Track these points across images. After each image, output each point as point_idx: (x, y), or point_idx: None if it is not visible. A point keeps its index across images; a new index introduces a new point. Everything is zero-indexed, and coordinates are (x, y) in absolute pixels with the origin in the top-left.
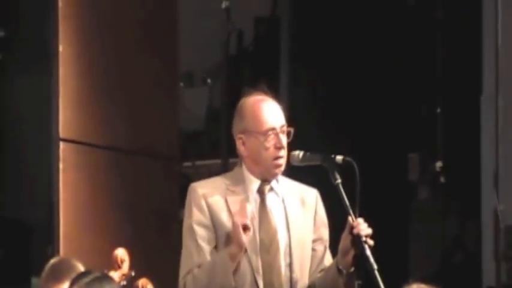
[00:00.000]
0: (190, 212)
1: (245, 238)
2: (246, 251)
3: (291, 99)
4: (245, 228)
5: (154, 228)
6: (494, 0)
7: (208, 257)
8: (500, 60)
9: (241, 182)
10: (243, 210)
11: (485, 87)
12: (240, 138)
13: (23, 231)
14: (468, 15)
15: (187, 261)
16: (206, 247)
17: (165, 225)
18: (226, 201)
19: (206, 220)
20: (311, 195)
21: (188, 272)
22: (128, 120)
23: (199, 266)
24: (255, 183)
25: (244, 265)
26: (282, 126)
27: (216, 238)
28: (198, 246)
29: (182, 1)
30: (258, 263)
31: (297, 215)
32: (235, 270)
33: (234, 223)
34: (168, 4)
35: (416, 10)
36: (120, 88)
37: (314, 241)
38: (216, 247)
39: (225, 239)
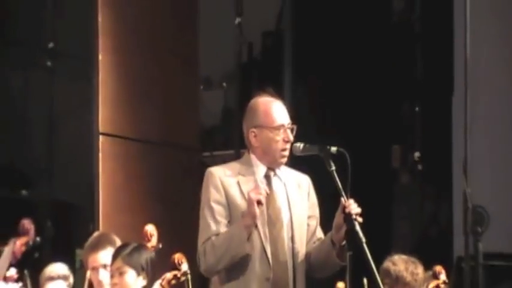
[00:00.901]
0: (208, 191)
1: (257, 211)
2: (256, 225)
3: (293, 100)
4: (259, 202)
5: (179, 207)
6: (464, 18)
7: (222, 229)
8: (468, 67)
9: (250, 168)
10: (257, 188)
11: (456, 90)
12: (253, 131)
13: (69, 211)
14: (442, 30)
15: (206, 231)
16: (222, 220)
17: (187, 205)
18: (238, 183)
19: (222, 198)
20: (305, 180)
21: (207, 239)
22: (157, 117)
23: (216, 235)
24: (262, 169)
25: (255, 235)
26: (289, 123)
27: (230, 214)
28: (214, 219)
29: (203, 18)
30: (266, 234)
31: (295, 196)
32: (248, 238)
33: (249, 198)
34: (191, 20)
35: (399, 26)
36: (149, 91)
37: (308, 217)
38: (229, 222)
39: (237, 215)
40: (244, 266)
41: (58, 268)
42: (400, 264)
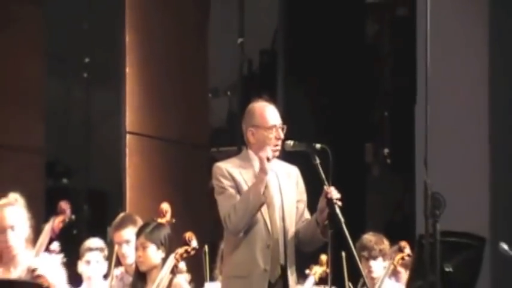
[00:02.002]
0: (219, 180)
1: (268, 166)
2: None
3: (284, 105)
4: (268, 159)
5: (191, 193)
6: (425, 39)
7: (231, 202)
8: (429, 80)
9: (248, 161)
10: (265, 150)
11: (419, 99)
12: (251, 130)
13: (101, 196)
14: (406, 49)
15: (226, 204)
16: (237, 196)
17: (198, 191)
18: (240, 173)
19: (231, 183)
20: (294, 171)
21: (230, 208)
22: (174, 119)
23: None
24: (258, 162)
25: (258, 213)
26: (280, 124)
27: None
28: (231, 195)
29: (211, 39)
30: (265, 214)
31: (286, 184)
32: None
33: (260, 156)
34: (202, 40)
35: (372, 46)
36: (168, 98)
37: (297, 201)
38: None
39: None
40: (250, 236)
41: (95, 241)
42: (371, 238)
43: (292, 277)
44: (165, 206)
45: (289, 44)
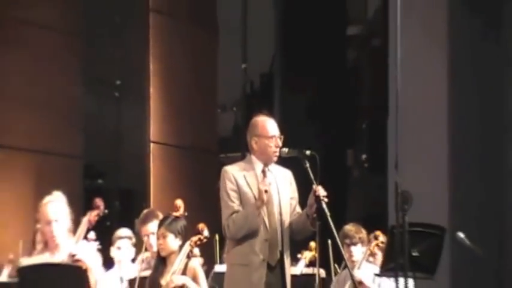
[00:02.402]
0: (225, 183)
1: (265, 197)
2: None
3: (281, 118)
4: (266, 191)
5: (203, 191)
6: (395, 64)
7: (237, 208)
8: (399, 96)
9: (251, 164)
10: (264, 181)
11: (390, 114)
12: (254, 139)
13: (130, 194)
14: (380, 72)
15: (226, 210)
16: (236, 201)
17: (209, 190)
18: (244, 176)
19: (234, 187)
20: (288, 173)
21: (229, 216)
22: (189, 131)
23: (234, 213)
24: (259, 166)
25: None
26: (278, 134)
27: (240, 197)
28: (231, 201)
29: (220, 64)
30: (265, 211)
31: (282, 185)
32: (258, 215)
33: (259, 188)
34: (212, 66)
35: (352, 69)
36: (184, 113)
37: (291, 198)
38: (240, 202)
39: (245, 197)
40: (250, 232)
41: (125, 231)
42: (352, 228)
43: (287, 260)
44: (179, 202)
45: (283, 68)
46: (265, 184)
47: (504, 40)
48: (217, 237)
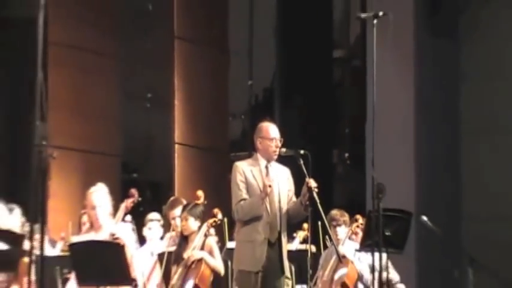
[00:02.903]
0: (235, 175)
1: (268, 190)
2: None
3: (280, 124)
4: (270, 186)
5: (217, 184)
6: (372, 81)
7: (244, 196)
8: (375, 107)
9: (257, 161)
10: (269, 176)
11: (368, 119)
12: (259, 140)
13: (159, 186)
14: (361, 90)
15: (236, 197)
16: (243, 191)
17: (222, 183)
18: (251, 171)
19: (243, 179)
20: (287, 170)
21: (238, 202)
22: (206, 134)
23: (242, 200)
24: (263, 162)
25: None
26: (279, 137)
27: (247, 187)
28: (240, 190)
29: (231, 81)
30: (267, 199)
31: (281, 179)
32: (262, 204)
33: (264, 183)
34: (224, 81)
35: (337, 86)
36: (202, 120)
37: (288, 190)
38: (247, 191)
39: (251, 188)
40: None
41: (155, 215)
42: (337, 213)
43: (284, 239)
44: (200, 193)
45: (282, 84)
46: (270, 180)
47: (460, 60)
48: (225, 220)
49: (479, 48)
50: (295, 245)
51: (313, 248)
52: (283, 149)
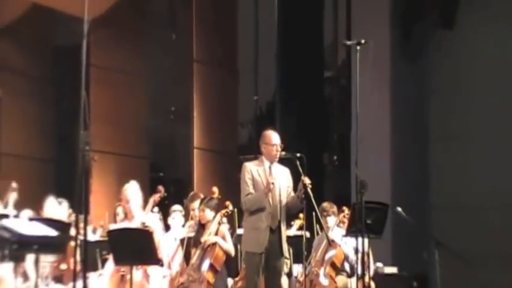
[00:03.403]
0: (244, 174)
1: (271, 186)
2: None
3: (280, 132)
4: (272, 183)
5: (229, 181)
6: (355, 97)
7: (251, 190)
8: (358, 118)
9: (261, 163)
10: (271, 175)
11: (353, 128)
12: (263, 145)
13: (181, 183)
14: (346, 103)
15: (244, 192)
16: (251, 187)
17: (233, 180)
18: (257, 170)
19: (250, 176)
20: (287, 170)
21: (246, 195)
22: (219, 140)
23: (249, 194)
24: (267, 163)
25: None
26: (280, 143)
27: (253, 183)
28: (248, 186)
29: (240, 97)
30: (270, 193)
31: (281, 177)
32: (266, 197)
33: (267, 180)
34: (235, 98)
35: (327, 101)
36: (216, 129)
37: (287, 187)
38: (253, 187)
39: (257, 184)
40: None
41: (177, 206)
42: (327, 205)
43: (284, 226)
44: (214, 188)
45: (282, 99)
46: (273, 178)
47: (428, 78)
48: (235, 210)
49: (443, 68)
50: (293, 231)
51: (308, 234)
52: (283, 153)
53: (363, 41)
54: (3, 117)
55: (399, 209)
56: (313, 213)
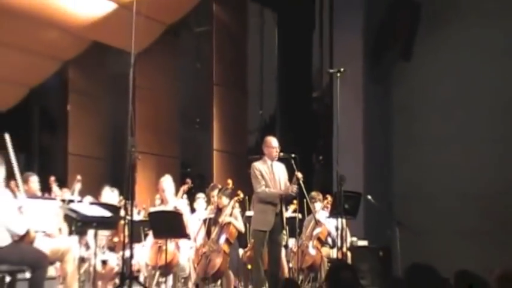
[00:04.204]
0: (254, 171)
1: (289, 192)
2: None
3: (280, 138)
4: (292, 191)
5: (240, 177)
6: (337, 112)
7: (263, 183)
8: (339, 128)
9: (265, 162)
10: (293, 188)
11: (334, 136)
12: (265, 148)
13: (204, 177)
14: (328, 117)
15: (259, 184)
16: (262, 181)
17: (243, 176)
18: (262, 167)
19: (259, 172)
20: (283, 166)
21: (261, 187)
22: (233, 144)
23: (264, 186)
24: (269, 162)
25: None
26: (278, 146)
27: (262, 177)
28: (260, 180)
29: (249, 112)
30: (272, 185)
31: (281, 172)
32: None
33: (289, 189)
34: (244, 113)
35: (316, 114)
36: (231, 136)
37: (285, 178)
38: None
39: (266, 180)
40: None
41: (201, 194)
42: (315, 194)
43: (284, 210)
44: (229, 181)
45: (281, 113)
46: (294, 190)
47: (393, 96)
48: (247, 198)
49: (403, 88)
50: (289, 213)
51: (300, 216)
52: (281, 154)
53: (342, 69)
54: (72, 126)
55: (369, 196)
56: (304, 200)
